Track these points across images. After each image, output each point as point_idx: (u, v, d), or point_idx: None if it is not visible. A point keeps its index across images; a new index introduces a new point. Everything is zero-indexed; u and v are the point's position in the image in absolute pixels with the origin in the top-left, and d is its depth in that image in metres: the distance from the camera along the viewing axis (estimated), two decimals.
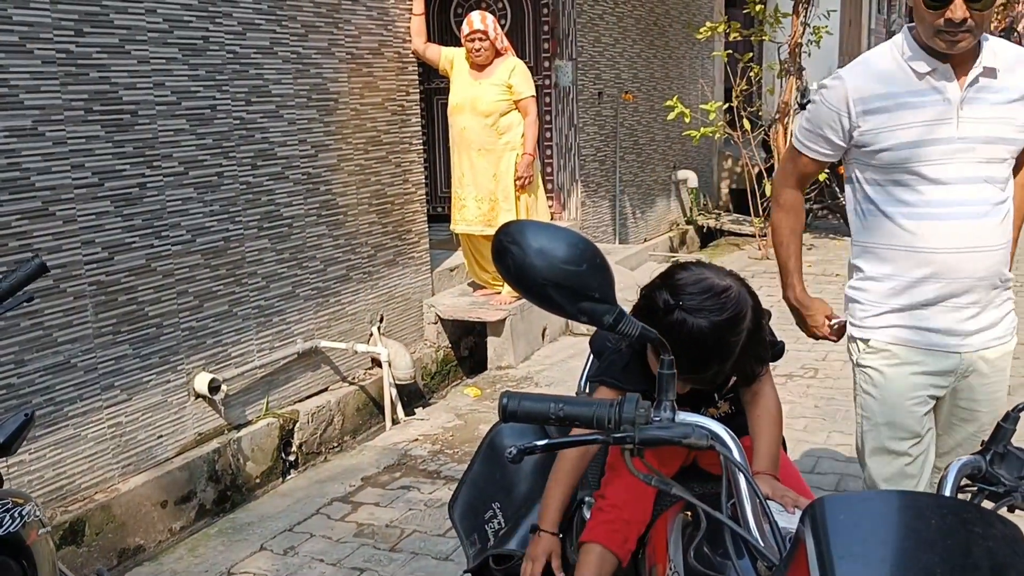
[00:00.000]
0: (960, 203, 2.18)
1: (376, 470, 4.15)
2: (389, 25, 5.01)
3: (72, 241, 3.35)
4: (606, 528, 1.75)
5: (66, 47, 3.28)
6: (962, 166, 2.16)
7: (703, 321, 1.50)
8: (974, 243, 2.18)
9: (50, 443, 3.31)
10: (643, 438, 1.21)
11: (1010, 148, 2.18)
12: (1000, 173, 2.19)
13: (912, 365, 2.26)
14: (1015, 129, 2.17)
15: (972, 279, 2.20)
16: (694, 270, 1.60)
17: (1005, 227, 2.21)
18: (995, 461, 1.30)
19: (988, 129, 2.14)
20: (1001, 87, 2.15)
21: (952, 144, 2.15)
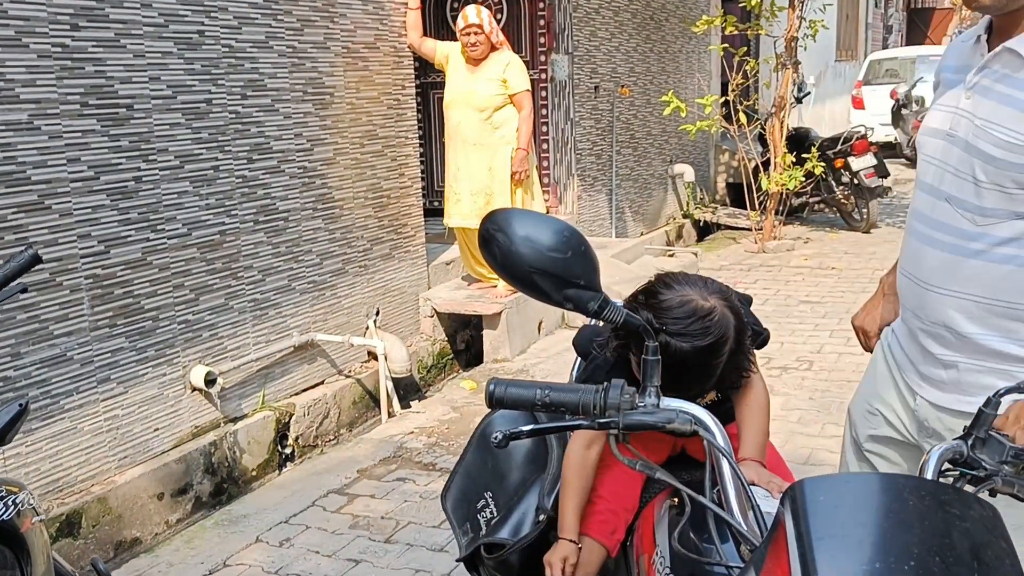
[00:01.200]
0: (919, 217, 1.76)
1: (372, 462, 4.17)
2: (385, 19, 5.01)
3: (68, 234, 3.36)
4: (594, 520, 1.77)
5: (62, 41, 3.29)
6: (935, 170, 1.72)
7: (686, 345, 1.49)
8: (911, 269, 1.77)
9: (46, 435, 3.32)
10: (627, 423, 1.22)
11: (987, 168, 1.59)
12: (969, 197, 1.62)
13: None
14: (1001, 144, 1.57)
15: (909, 312, 1.80)
16: (678, 289, 1.56)
17: (967, 270, 1.64)
18: (976, 446, 1.31)
19: (974, 134, 1.62)
20: (1021, 83, 1.57)
21: (941, 140, 1.71)
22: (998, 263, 1.61)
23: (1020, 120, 1.55)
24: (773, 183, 7.98)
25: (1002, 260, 1.61)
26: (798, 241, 8.57)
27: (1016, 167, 1.56)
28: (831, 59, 14.85)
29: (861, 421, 2.01)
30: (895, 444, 1.91)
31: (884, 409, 1.92)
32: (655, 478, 1.27)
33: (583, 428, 1.26)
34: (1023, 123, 1.55)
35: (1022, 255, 1.59)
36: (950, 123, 1.69)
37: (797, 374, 5.00)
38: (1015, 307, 1.62)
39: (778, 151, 8.05)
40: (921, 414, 1.80)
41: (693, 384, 1.57)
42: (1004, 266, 1.61)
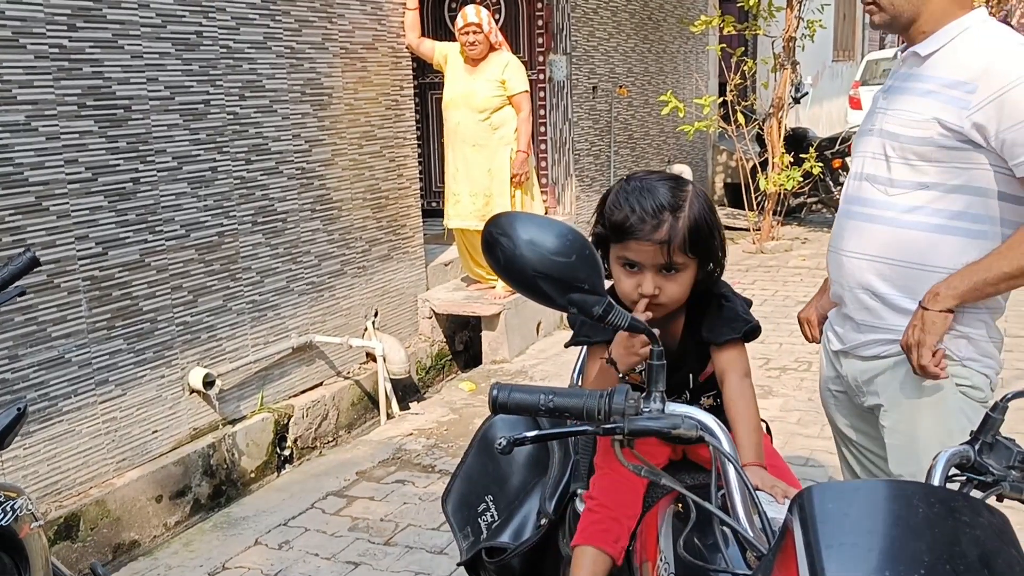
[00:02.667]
0: (846, 199, 2.09)
1: (371, 464, 4.16)
2: (383, 20, 5.00)
3: (65, 236, 3.34)
4: (596, 529, 1.75)
5: (59, 42, 3.28)
6: (858, 159, 2.06)
7: (651, 176, 1.65)
8: (835, 244, 2.08)
9: (44, 438, 3.30)
10: (632, 429, 1.21)
11: (894, 144, 1.94)
12: (882, 172, 1.97)
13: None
14: (905, 125, 1.92)
15: (837, 284, 2.09)
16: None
17: (878, 236, 1.97)
18: (983, 450, 1.30)
19: (886, 122, 1.98)
20: (920, 76, 1.95)
21: (864, 136, 2.06)
22: (904, 228, 1.92)
23: (916, 102, 1.91)
24: (771, 183, 7.97)
25: (907, 226, 1.92)
26: (796, 241, 8.57)
27: (913, 139, 1.90)
28: (828, 59, 14.85)
29: (831, 409, 2.26)
30: (854, 411, 2.18)
31: (835, 387, 2.20)
32: (659, 484, 1.26)
33: (587, 434, 1.25)
34: (919, 104, 1.90)
35: (924, 222, 1.91)
36: (870, 121, 2.05)
37: (796, 375, 4.99)
38: (916, 267, 1.92)
39: (776, 151, 8.04)
40: (847, 376, 2.11)
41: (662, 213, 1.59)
42: (912, 231, 1.92)
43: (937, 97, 1.88)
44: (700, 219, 1.61)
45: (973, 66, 1.84)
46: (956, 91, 1.85)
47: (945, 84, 1.88)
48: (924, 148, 1.89)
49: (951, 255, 1.89)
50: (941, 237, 1.90)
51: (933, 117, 1.87)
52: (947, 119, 1.85)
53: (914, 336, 1.89)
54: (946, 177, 1.88)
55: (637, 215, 1.59)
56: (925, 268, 1.92)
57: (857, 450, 2.22)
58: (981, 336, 1.95)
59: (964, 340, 1.93)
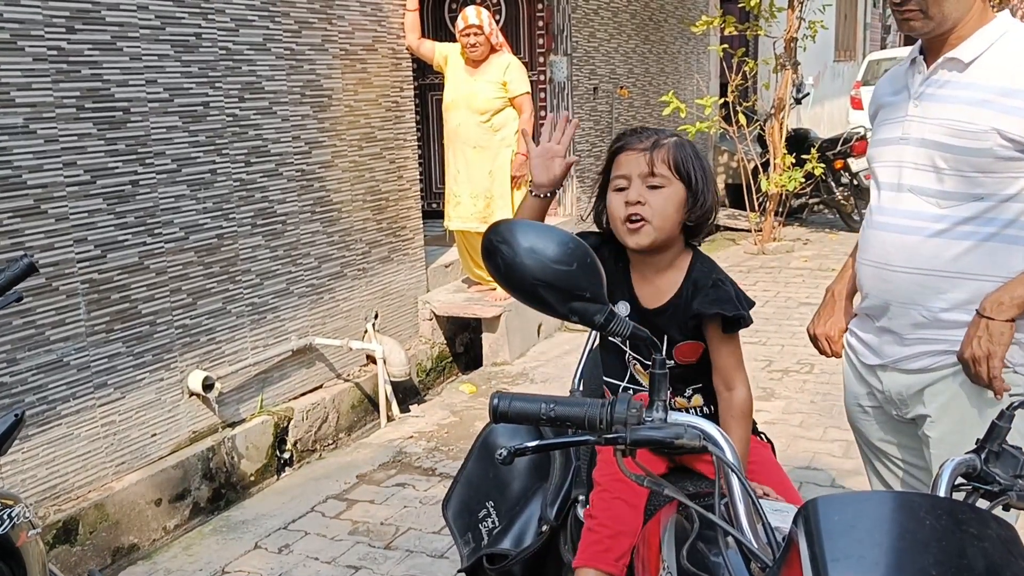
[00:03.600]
0: (881, 211, 2.00)
1: (371, 467, 4.14)
2: (383, 21, 4.99)
3: (64, 239, 3.33)
4: (596, 549, 1.74)
5: (57, 44, 3.26)
6: (893, 170, 1.97)
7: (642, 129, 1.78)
8: (875, 258, 2.00)
9: (43, 442, 3.29)
10: (635, 439, 1.20)
11: (946, 156, 1.86)
12: (931, 184, 1.89)
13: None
14: (958, 135, 1.84)
15: (878, 298, 2.01)
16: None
17: (932, 249, 1.89)
18: (990, 459, 1.29)
19: (928, 131, 1.89)
20: (967, 83, 1.86)
21: (894, 145, 1.97)
22: (958, 239, 1.86)
23: (967, 111, 1.83)
24: (772, 184, 7.95)
25: (961, 237, 1.86)
26: (798, 242, 8.55)
27: (970, 151, 1.82)
28: (829, 59, 14.83)
29: (862, 424, 2.21)
30: (890, 425, 2.12)
31: (868, 402, 2.15)
32: (662, 493, 1.25)
33: (589, 444, 1.23)
34: (970, 113, 1.82)
35: (978, 231, 1.85)
36: (901, 130, 1.95)
37: (798, 377, 4.98)
38: (971, 277, 1.86)
39: (777, 152, 8.02)
40: (889, 390, 2.05)
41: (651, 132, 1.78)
42: (964, 242, 1.86)
43: (993, 107, 1.81)
44: (683, 145, 1.76)
45: None
46: (1015, 100, 1.79)
47: (1001, 92, 1.81)
48: (982, 160, 1.82)
49: (1007, 264, 1.85)
50: (996, 246, 1.85)
51: (992, 127, 1.80)
52: (1008, 129, 1.79)
53: (982, 348, 1.82)
54: (1001, 187, 1.83)
55: (628, 136, 1.78)
56: (980, 278, 1.87)
57: (892, 463, 2.16)
58: None
59: (1017, 347, 1.87)
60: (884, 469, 2.20)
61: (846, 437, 3.97)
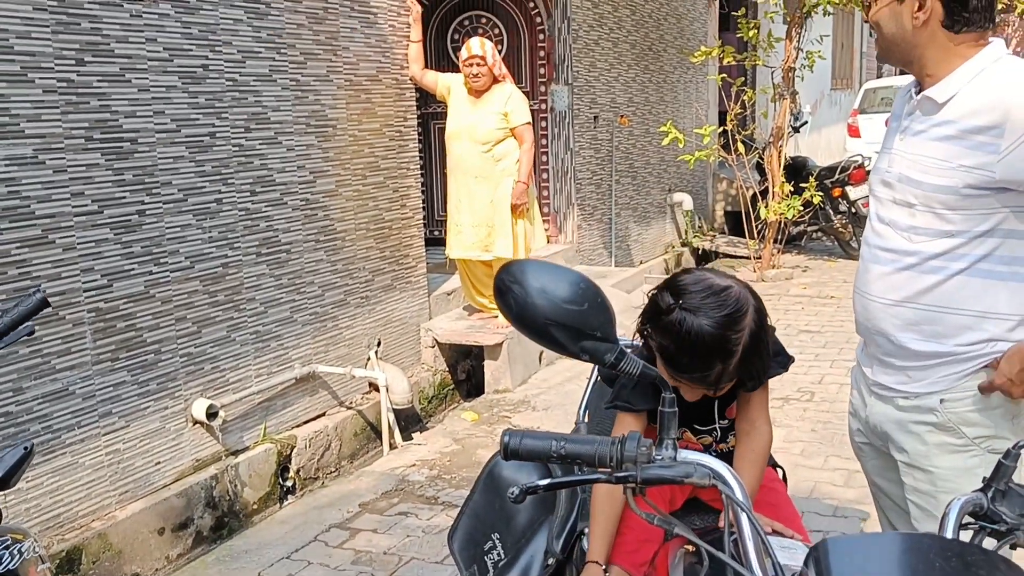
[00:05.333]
0: (867, 241, 2.06)
1: (374, 496, 4.14)
2: (387, 52, 5.04)
3: (71, 268, 3.35)
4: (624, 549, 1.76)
5: (67, 76, 3.30)
6: (876, 201, 2.03)
7: (703, 319, 1.53)
8: (860, 286, 2.06)
9: (47, 471, 3.29)
10: (645, 477, 1.21)
11: (916, 192, 1.89)
12: (904, 219, 1.92)
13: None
14: (927, 171, 1.87)
15: (861, 324, 2.08)
16: (696, 273, 1.64)
17: (903, 282, 1.93)
18: (996, 498, 1.30)
19: (905, 166, 1.93)
20: (939, 120, 1.88)
21: (881, 176, 2.02)
22: (928, 273, 1.90)
23: (936, 148, 1.87)
24: (771, 212, 8.00)
25: (931, 271, 1.90)
26: (797, 270, 8.59)
27: (937, 187, 1.86)
28: (827, 87, 14.94)
29: (861, 459, 2.25)
30: (883, 461, 2.14)
31: (861, 438, 2.21)
32: (672, 532, 1.26)
33: (599, 482, 1.25)
34: (939, 150, 1.86)
35: (949, 267, 1.88)
36: (887, 162, 2.01)
37: (799, 405, 4.98)
38: (938, 311, 1.91)
39: (776, 180, 8.07)
40: (869, 419, 2.11)
41: (714, 361, 1.56)
42: (933, 276, 1.90)
43: (962, 143, 1.83)
44: (751, 354, 1.59)
45: (997, 108, 1.79)
46: (982, 136, 1.80)
47: (969, 130, 1.82)
48: (949, 197, 1.84)
49: (978, 298, 1.88)
50: (967, 280, 1.87)
51: (960, 164, 1.82)
52: (975, 166, 1.81)
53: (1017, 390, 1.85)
54: (972, 224, 1.85)
55: (686, 362, 1.56)
56: (952, 312, 1.90)
57: (892, 501, 2.17)
58: None
59: None
60: (885, 504, 2.22)
61: (847, 466, 3.98)
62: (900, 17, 1.90)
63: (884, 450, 2.11)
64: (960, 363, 1.91)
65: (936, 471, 1.95)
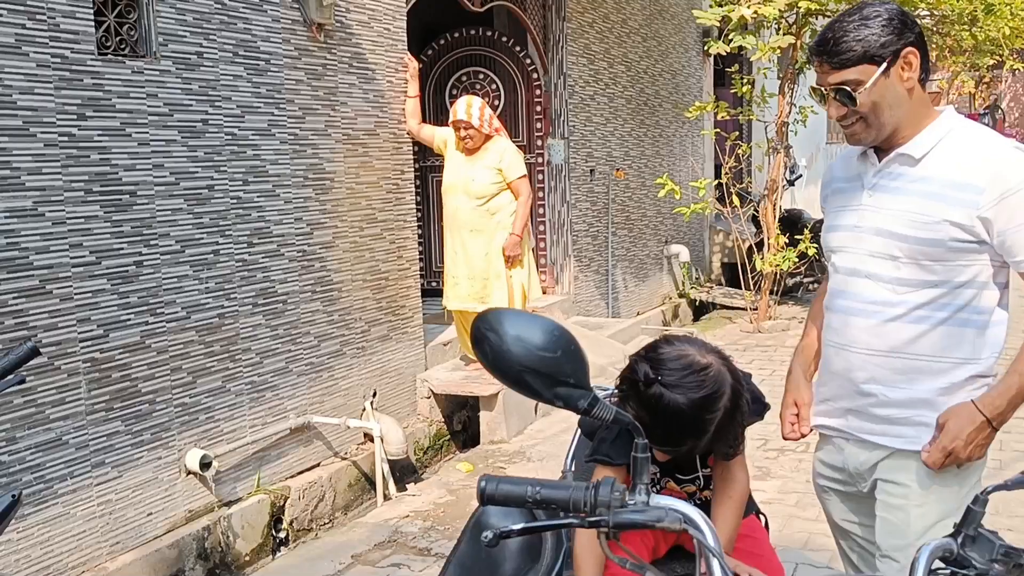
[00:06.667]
0: (843, 295, 2.09)
1: (367, 547, 4.12)
2: (384, 107, 5.14)
3: (67, 319, 3.39)
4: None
5: (68, 130, 3.38)
6: (851, 256, 2.07)
7: (680, 397, 1.54)
8: (839, 340, 2.09)
9: (38, 521, 3.29)
10: (617, 522, 1.23)
11: (901, 246, 1.97)
12: (888, 271, 1.99)
13: None
14: (913, 226, 1.95)
15: (840, 377, 2.11)
16: (677, 345, 1.64)
17: (890, 332, 2.00)
18: (966, 543, 1.32)
19: (883, 221, 2.00)
20: (919, 176, 1.98)
21: (850, 232, 2.07)
22: (914, 323, 1.97)
23: (920, 203, 1.94)
24: (767, 264, 8.05)
25: (917, 320, 1.97)
26: (793, 321, 8.61)
27: (924, 241, 1.93)
28: (822, 141, 15.11)
29: (826, 503, 2.29)
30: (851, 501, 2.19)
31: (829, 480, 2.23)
32: None
33: (573, 527, 1.27)
34: (923, 205, 1.94)
35: (934, 316, 1.96)
36: (856, 218, 2.05)
37: (794, 456, 4.97)
38: (925, 359, 1.97)
39: (771, 232, 8.14)
40: (848, 464, 2.14)
41: (686, 438, 1.59)
42: (920, 326, 1.97)
43: (946, 199, 1.92)
44: (724, 431, 1.61)
45: (982, 171, 1.90)
46: (966, 193, 1.90)
47: (953, 186, 1.92)
48: (935, 249, 1.93)
49: (958, 346, 1.97)
50: (949, 329, 1.96)
51: (944, 219, 1.91)
52: (959, 220, 1.90)
53: (967, 450, 1.92)
54: (954, 275, 1.95)
55: (660, 434, 1.58)
56: (936, 359, 1.98)
57: (857, 543, 2.22)
58: None
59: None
60: (851, 552, 2.25)
61: None
62: (894, 87, 1.94)
63: (854, 491, 2.15)
64: (937, 410, 1.98)
65: (911, 485, 2.00)
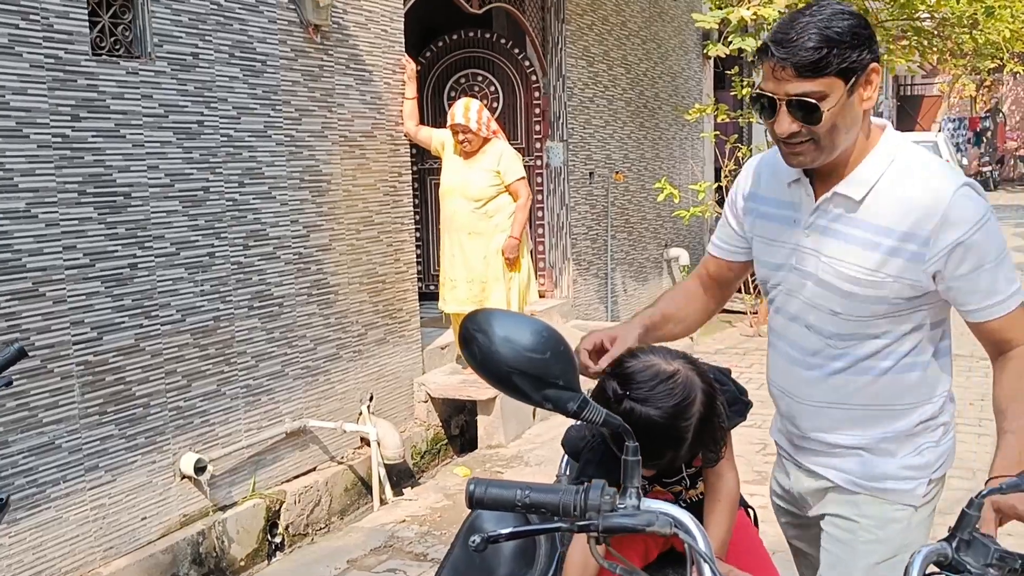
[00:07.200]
0: (784, 339, 1.91)
1: (362, 552, 4.09)
2: (382, 109, 5.12)
3: (61, 321, 3.37)
4: None
5: (62, 131, 3.36)
6: (790, 300, 1.87)
7: (651, 409, 1.52)
8: (785, 385, 1.93)
9: (31, 526, 3.27)
10: (607, 526, 1.21)
11: (843, 302, 1.77)
12: (829, 325, 1.80)
13: None
14: (855, 282, 1.74)
15: (785, 419, 1.98)
16: (642, 357, 1.61)
17: (832, 385, 1.84)
18: (961, 548, 1.29)
19: (824, 270, 1.78)
20: (860, 221, 1.73)
21: (788, 272, 1.85)
22: (859, 375, 1.82)
23: (862, 255, 1.73)
24: None
25: (862, 372, 1.82)
26: None
27: (868, 299, 1.75)
28: None
29: (780, 522, 2.18)
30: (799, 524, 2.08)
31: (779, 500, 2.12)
32: None
33: (562, 531, 1.24)
34: (868, 258, 1.72)
35: (878, 365, 1.81)
36: (794, 259, 1.83)
37: None
38: (872, 409, 1.83)
39: None
40: (794, 488, 2.01)
41: (665, 450, 1.56)
42: (864, 377, 1.82)
43: (890, 252, 1.71)
44: (701, 437, 1.58)
45: (929, 218, 1.68)
46: (912, 244, 1.70)
47: (897, 236, 1.70)
48: (879, 306, 1.76)
49: (906, 392, 1.83)
50: (894, 376, 1.82)
51: (888, 274, 1.72)
52: (905, 276, 1.72)
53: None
54: (896, 325, 1.78)
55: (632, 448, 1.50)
56: (883, 408, 1.84)
57: (810, 564, 2.11)
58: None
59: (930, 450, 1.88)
60: (804, 564, 2.16)
61: None
62: (853, 107, 1.67)
63: (801, 515, 2.04)
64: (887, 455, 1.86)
65: (859, 521, 1.88)
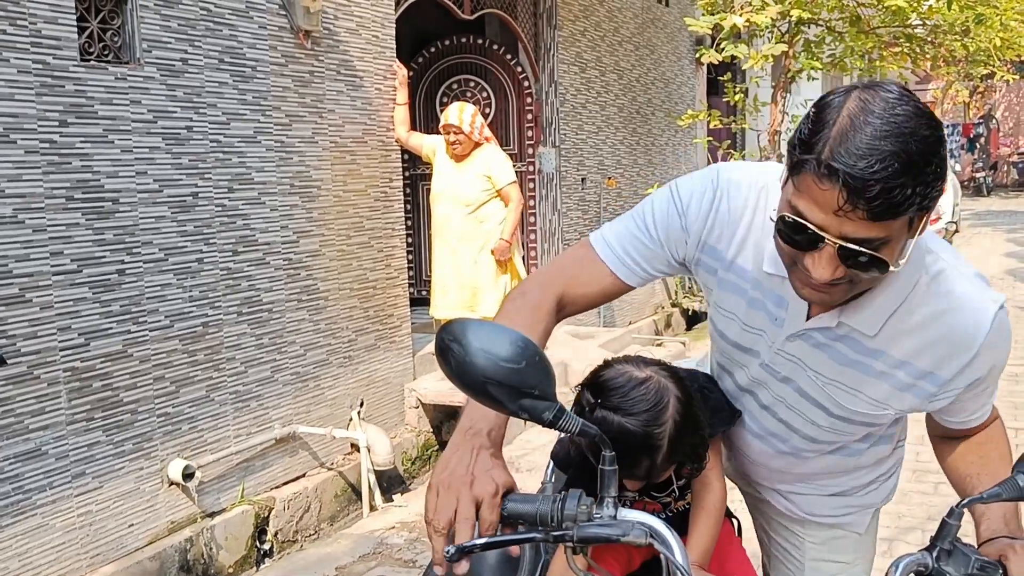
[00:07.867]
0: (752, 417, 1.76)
1: (351, 559, 4.08)
2: (373, 114, 5.11)
3: (48, 327, 3.35)
4: None
5: (50, 137, 3.35)
6: (760, 389, 1.69)
7: (624, 417, 1.50)
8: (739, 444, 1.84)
9: (16, 533, 3.25)
10: (582, 536, 1.20)
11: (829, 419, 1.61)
12: (805, 429, 1.67)
13: None
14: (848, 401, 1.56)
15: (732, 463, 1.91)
16: (616, 367, 1.58)
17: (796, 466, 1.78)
18: (941, 557, 1.29)
19: (807, 383, 1.58)
20: (869, 349, 1.49)
21: (758, 366, 1.64)
22: (827, 455, 1.74)
23: (863, 380, 1.52)
24: None
25: (833, 454, 1.74)
26: None
27: (860, 421, 1.60)
28: None
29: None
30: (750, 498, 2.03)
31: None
32: None
33: (537, 541, 1.24)
34: (873, 389, 1.52)
35: (847, 448, 1.72)
36: (769, 355, 1.60)
37: None
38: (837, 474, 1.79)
39: None
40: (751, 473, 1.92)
41: (641, 458, 1.53)
42: (832, 456, 1.74)
43: (904, 386, 1.51)
44: (679, 444, 1.53)
45: (952, 362, 1.45)
46: (925, 382, 1.49)
47: (912, 373, 1.49)
48: (869, 427, 1.65)
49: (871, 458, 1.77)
50: (861, 458, 1.76)
51: (891, 406, 1.54)
52: (908, 407, 1.55)
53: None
54: (876, 429, 1.69)
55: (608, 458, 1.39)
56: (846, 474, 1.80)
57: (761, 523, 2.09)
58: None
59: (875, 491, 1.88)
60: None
61: None
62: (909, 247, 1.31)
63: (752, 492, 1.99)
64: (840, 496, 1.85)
65: (805, 539, 1.90)
